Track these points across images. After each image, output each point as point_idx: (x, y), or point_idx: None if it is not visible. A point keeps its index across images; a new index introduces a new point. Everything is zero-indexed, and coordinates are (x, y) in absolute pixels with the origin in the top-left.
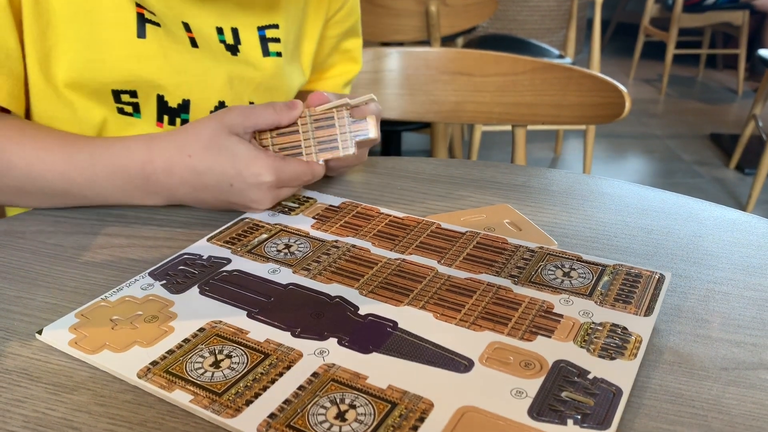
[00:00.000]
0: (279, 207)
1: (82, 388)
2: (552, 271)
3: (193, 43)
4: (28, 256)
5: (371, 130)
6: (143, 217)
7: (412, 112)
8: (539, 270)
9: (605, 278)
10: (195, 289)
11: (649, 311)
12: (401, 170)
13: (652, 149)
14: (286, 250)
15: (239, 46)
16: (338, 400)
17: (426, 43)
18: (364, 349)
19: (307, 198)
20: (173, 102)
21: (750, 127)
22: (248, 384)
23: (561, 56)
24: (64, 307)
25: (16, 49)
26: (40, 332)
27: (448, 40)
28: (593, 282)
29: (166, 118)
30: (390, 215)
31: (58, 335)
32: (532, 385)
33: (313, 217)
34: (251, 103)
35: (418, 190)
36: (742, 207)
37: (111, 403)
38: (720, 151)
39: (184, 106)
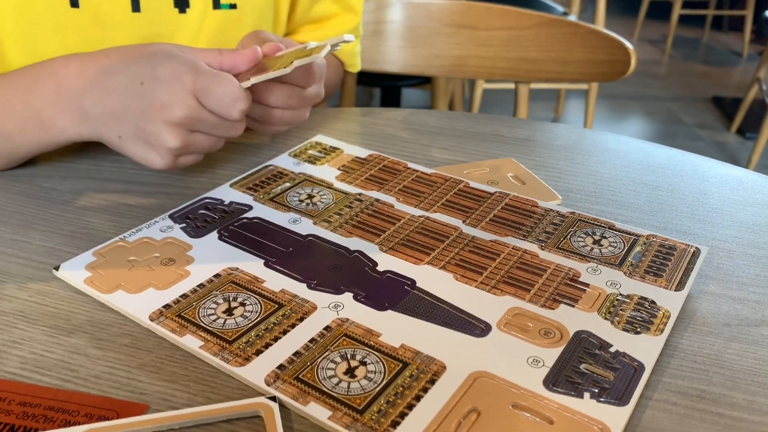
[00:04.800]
0: (304, 156)
1: (80, 331)
2: (582, 237)
3: (135, 6)
4: (24, 199)
5: (316, 56)
6: None
7: (414, 66)
8: (568, 236)
9: (637, 249)
10: (214, 234)
11: (680, 286)
12: (404, 122)
13: (654, 111)
14: (309, 201)
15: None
16: (349, 356)
17: None
18: (380, 306)
19: (334, 148)
20: None
21: (753, 91)
22: (260, 333)
23: (566, 13)
24: (60, 250)
25: None
26: (57, 268)
27: None
28: (624, 252)
29: None
30: (417, 170)
31: (74, 272)
32: (551, 355)
33: (339, 168)
34: None
35: (420, 142)
36: None
37: (109, 346)
38: (722, 114)
39: None
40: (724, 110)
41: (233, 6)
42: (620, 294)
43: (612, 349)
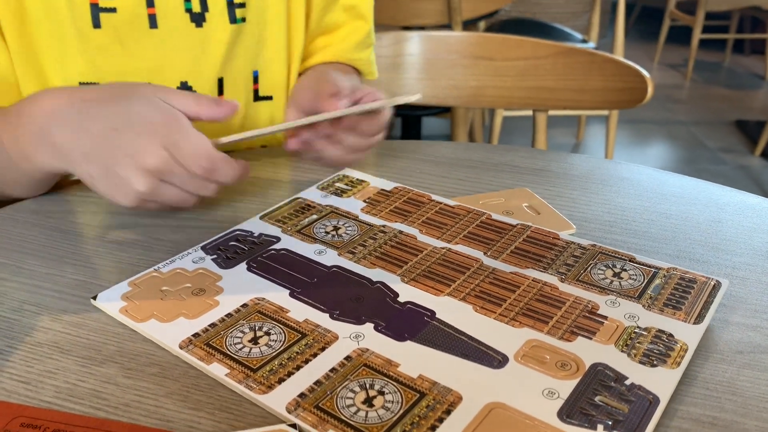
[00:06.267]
0: (331, 189)
1: (110, 362)
2: (602, 270)
3: (153, 23)
4: (57, 234)
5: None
6: None
7: (433, 97)
8: (589, 268)
9: (657, 281)
10: (243, 265)
11: (699, 319)
12: (421, 154)
13: (676, 135)
14: (334, 232)
15: (206, 14)
16: (368, 386)
17: (447, 27)
18: (400, 337)
19: (360, 180)
20: None
21: None
22: (283, 362)
23: (584, 40)
24: (92, 283)
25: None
26: (95, 298)
27: (469, 24)
28: (644, 285)
29: None
30: (441, 203)
31: (110, 302)
32: (566, 387)
33: (364, 201)
34: (220, 79)
35: (437, 173)
36: (767, 194)
37: (138, 375)
38: (745, 137)
39: None
40: (747, 134)
41: (243, 20)
42: (638, 327)
43: (627, 382)
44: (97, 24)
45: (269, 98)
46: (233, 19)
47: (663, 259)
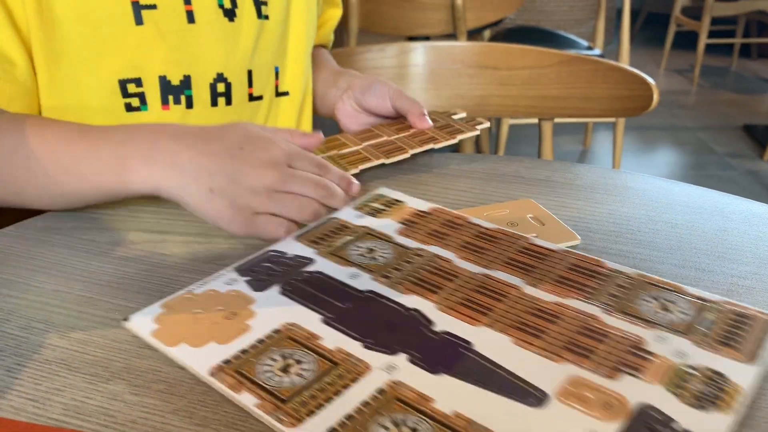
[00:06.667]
0: (367, 209)
1: (118, 378)
2: (649, 302)
3: (190, 19)
4: (64, 251)
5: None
6: (175, 213)
7: (437, 107)
8: (634, 299)
9: (709, 316)
10: (276, 288)
11: (754, 358)
12: (425, 165)
13: (684, 141)
14: (369, 255)
15: (236, 10)
16: (400, 422)
17: (452, 36)
18: (434, 370)
19: (396, 201)
20: (175, 80)
21: None
22: (313, 393)
23: (590, 47)
24: (99, 300)
25: (19, 59)
26: (126, 319)
27: (474, 33)
28: (694, 319)
29: (170, 98)
30: (479, 225)
31: (143, 325)
32: (609, 429)
33: (400, 222)
34: (249, 71)
35: (441, 185)
36: None
37: (145, 392)
38: (754, 142)
39: (186, 82)
40: (756, 138)
41: (266, 17)
42: (687, 365)
43: (675, 426)
44: (139, 21)
45: (286, 94)
46: (259, 15)
47: (669, 269)
